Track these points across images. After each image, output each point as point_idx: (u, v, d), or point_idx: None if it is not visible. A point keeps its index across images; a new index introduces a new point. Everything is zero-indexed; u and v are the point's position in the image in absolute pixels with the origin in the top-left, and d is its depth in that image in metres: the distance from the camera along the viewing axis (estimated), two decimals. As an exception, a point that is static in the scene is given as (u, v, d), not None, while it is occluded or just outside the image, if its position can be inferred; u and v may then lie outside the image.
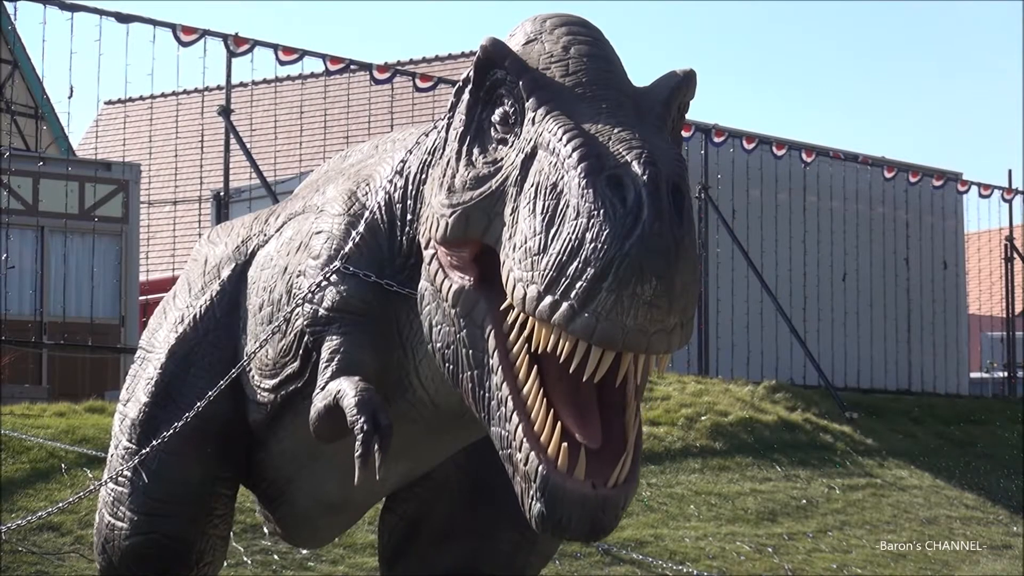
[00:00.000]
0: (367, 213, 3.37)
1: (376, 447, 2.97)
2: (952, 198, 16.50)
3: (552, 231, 2.53)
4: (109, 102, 24.96)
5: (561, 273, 2.48)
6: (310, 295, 3.36)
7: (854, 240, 15.27)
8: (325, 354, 3.28)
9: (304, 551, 7.04)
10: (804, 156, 14.71)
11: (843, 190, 15.27)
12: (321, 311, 3.33)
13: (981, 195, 16.70)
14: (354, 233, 3.35)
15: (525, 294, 2.56)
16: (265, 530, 7.12)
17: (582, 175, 2.50)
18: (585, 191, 2.48)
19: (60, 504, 5.18)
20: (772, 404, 11.69)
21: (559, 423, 2.59)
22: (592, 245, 2.44)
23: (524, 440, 2.60)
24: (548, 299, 2.51)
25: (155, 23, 11.04)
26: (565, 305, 2.48)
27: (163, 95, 18.82)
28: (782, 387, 12.34)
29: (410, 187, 3.28)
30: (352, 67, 12.37)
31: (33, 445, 7.87)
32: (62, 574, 6.60)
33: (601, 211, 2.45)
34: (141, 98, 20.89)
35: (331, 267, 3.33)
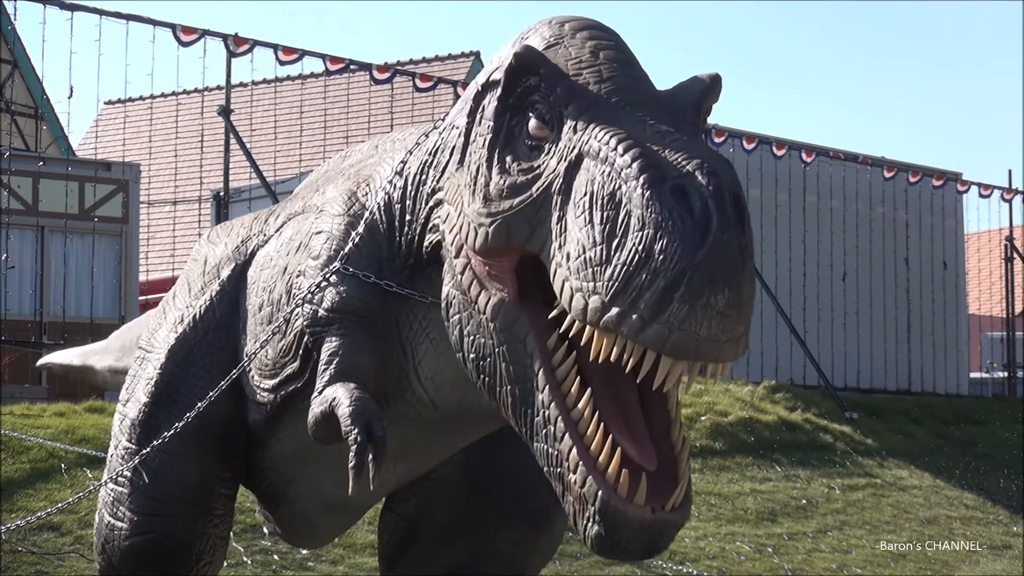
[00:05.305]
0: (367, 214, 3.36)
1: (370, 458, 2.97)
2: (952, 198, 16.49)
3: (615, 242, 2.50)
4: (109, 102, 25.00)
5: (628, 284, 2.45)
6: (310, 295, 3.36)
7: (854, 240, 15.27)
8: (324, 356, 3.28)
9: (304, 551, 7.04)
10: (804, 156, 14.71)
11: (843, 190, 15.27)
12: (321, 311, 3.33)
13: (981, 195, 16.72)
14: (354, 234, 3.34)
15: (587, 304, 2.52)
16: (265, 530, 7.12)
17: (645, 186, 2.47)
18: (650, 202, 2.45)
19: (60, 504, 5.18)
20: (772, 404, 11.69)
21: (618, 448, 2.57)
22: (661, 256, 2.42)
23: (580, 463, 2.57)
24: (615, 310, 2.47)
25: (155, 23, 11.04)
26: (634, 316, 2.45)
27: (163, 95, 18.85)
28: (782, 387, 12.34)
29: (410, 188, 3.27)
30: (352, 67, 12.37)
31: (33, 445, 7.86)
32: (62, 574, 6.60)
33: (669, 222, 2.42)
34: (141, 98, 20.94)
35: (331, 267, 3.33)
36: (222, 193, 12.32)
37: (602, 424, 2.59)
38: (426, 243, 3.17)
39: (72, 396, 9.80)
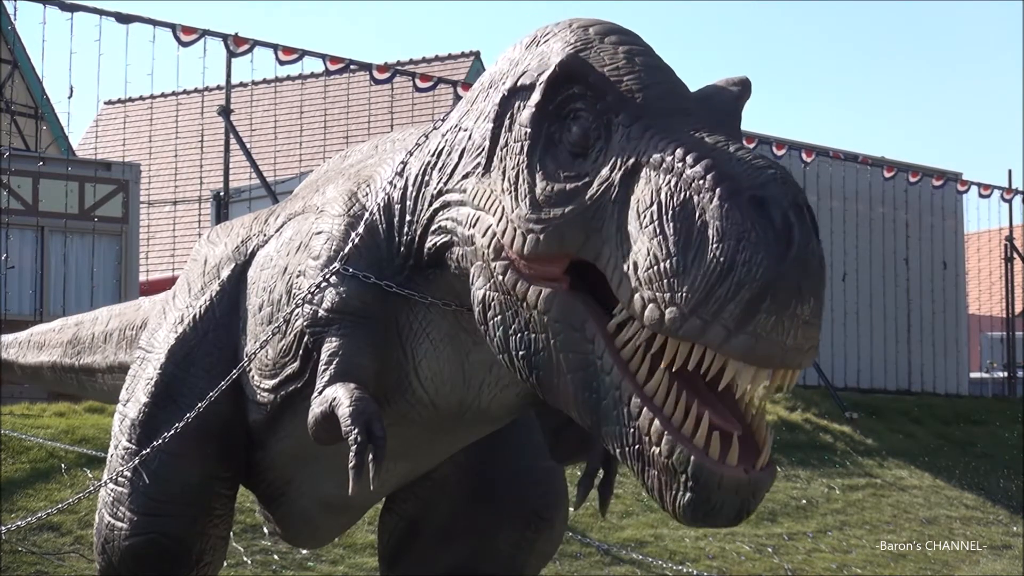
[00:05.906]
0: (367, 214, 3.36)
1: (370, 458, 2.97)
2: (952, 198, 16.50)
3: (691, 253, 2.48)
4: (109, 102, 25.01)
5: (709, 296, 2.44)
6: (310, 296, 3.36)
7: (854, 240, 15.27)
8: (324, 356, 3.28)
9: (304, 551, 7.04)
10: (804, 156, 14.71)
11: (843, 190, 15.27)
12: (321, 312, 3.33)
13: (981, 195, 16.73)
14: (353, 234, 3.34)
15: (663, 315, 2.50)
16: (265, 530, 7.12)
17: (723, 197, 2.46)
18: (730, 213, 2.44)
19: (60, 504, 5.18)
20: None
21: (705, 412, 2.55)
22: (745, 268, 2.41)
23: (664, 433, 2.54)
24: (696, 321, 2.45)
25: (155, 23, 11.05)
26: (717, 327, 2.44)
27: (163, 95, 18.87)
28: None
29: (411, 189, 3.27)
30: (352, 67, 12.37)
31: (33, 445, 7.87)
32: (62, 574, 6.60)
33: (752, 233, 2.42)
34: (141, 98, 20.96)
35: (331, 268, 3.33)
36: (222, 193, 12.33)
37: (683, 392, 2.57)
38: (428, 244, 3.16)
39: (72, 396, 9.79)
